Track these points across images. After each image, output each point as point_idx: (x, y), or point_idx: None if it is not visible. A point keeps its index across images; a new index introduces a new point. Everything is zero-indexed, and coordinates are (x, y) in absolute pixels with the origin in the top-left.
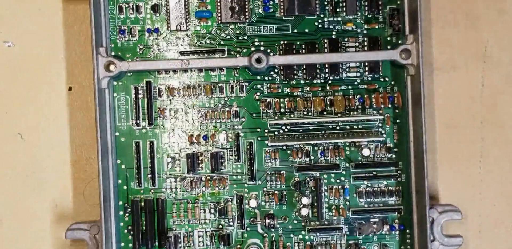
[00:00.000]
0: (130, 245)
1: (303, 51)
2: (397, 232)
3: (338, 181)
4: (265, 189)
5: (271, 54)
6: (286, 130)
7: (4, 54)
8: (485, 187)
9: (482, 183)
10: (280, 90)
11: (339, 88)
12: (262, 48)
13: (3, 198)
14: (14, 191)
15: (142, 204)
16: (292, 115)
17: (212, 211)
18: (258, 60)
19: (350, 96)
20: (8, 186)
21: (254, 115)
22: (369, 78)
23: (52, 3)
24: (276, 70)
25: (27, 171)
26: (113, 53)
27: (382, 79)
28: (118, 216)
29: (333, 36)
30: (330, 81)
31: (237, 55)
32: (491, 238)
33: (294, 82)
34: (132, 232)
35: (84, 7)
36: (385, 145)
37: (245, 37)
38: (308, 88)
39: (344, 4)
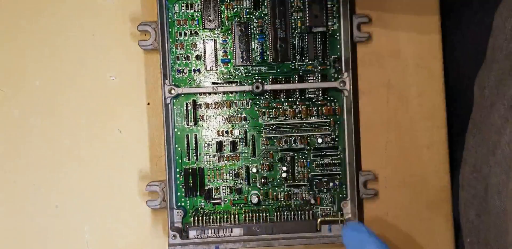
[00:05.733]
0: (183, 194)
1: (283, 82)
2: (337, 187)
3: (303, 157)
4: (261, 162)
5: (265, 83)
6: (273, 127)
7: (108, 84)
8: (389, 159)
9: (387, 157)
10: (270, 105)
11: (304, 103)
12: (259, 80)
13: (120, 164)
14: (119, 165)
15: (190, 170)
16: (277, 119)
17: (231, 174)
18: (257, 87)
19: (310, 108)
20: (108, 165)
21: (255, 119)
22: (321, 98)
23: (137, 54)
24: (267, 93)
25: (124, 154)
26: (173, 83)
27: (329, 98)
28: (176, 177)
29: (301, 73)
30: (299, 99)
31: (245, 84)
32: (392, 190)
33: (278, 100)
34: (184, 186)
35: (157, 56)
36: (330, 136)
37: (249, 74)
38: (286, 103)
39: (307, 55)
